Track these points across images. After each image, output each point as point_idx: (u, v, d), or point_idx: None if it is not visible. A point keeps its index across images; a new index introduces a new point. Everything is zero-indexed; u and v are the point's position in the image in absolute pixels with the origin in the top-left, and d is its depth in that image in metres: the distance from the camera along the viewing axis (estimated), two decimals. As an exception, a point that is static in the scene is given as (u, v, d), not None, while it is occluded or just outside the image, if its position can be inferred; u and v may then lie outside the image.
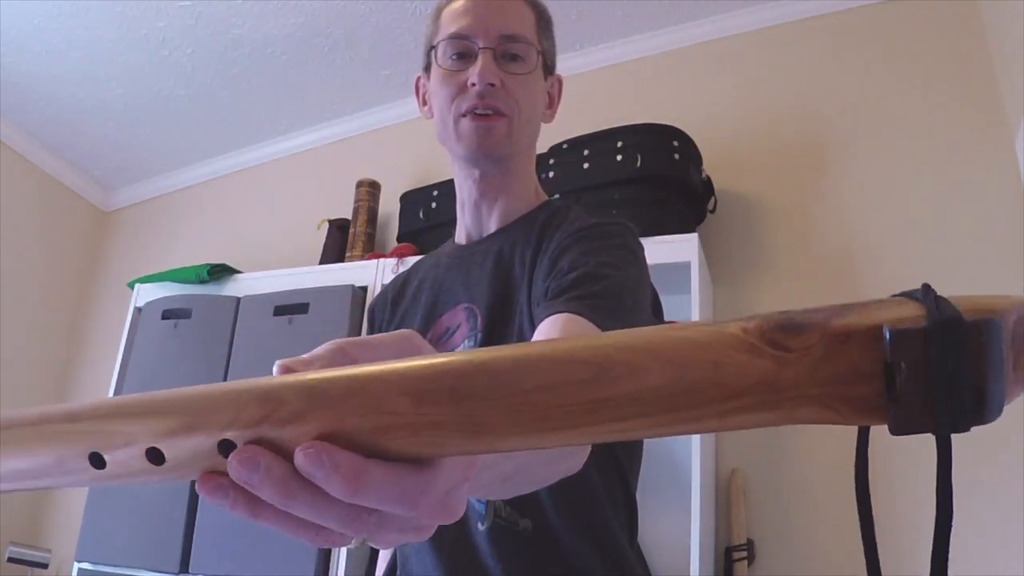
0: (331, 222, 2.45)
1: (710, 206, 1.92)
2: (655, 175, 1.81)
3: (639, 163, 1.81)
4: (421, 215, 2.22)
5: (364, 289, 2.04)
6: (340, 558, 1.77)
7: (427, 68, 0.94)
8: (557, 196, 1.88)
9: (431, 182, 2.25)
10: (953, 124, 1.79)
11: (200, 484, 0.30)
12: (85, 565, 2.11)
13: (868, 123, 1.90)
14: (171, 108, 2.72)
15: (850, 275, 1.79)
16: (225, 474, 0.29)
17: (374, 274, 2.05)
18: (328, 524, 0.30)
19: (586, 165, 1.88)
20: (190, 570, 1.92)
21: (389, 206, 2.42)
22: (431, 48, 0.92)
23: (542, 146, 1.94)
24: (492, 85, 0.86)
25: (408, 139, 2.58)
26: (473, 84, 0.85)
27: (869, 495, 0.31)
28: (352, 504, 0.29)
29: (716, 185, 1.93)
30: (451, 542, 0.81)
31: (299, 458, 0.27)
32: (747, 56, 2.13)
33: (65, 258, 3.08)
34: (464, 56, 0.88)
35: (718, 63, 2.17)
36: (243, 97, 2.65)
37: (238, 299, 2.17)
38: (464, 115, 0.87)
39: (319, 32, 2.34)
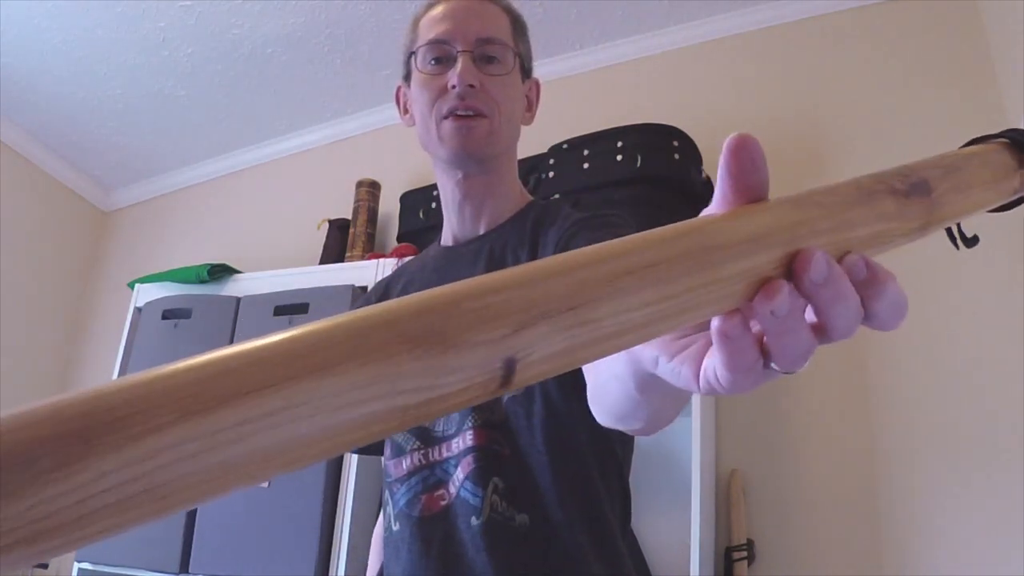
0: (331, 222, 2.45)
1: (710, 206, 1.92)
2: (655, 175, 1.81)
3: (639, 163, 1.81)
4: (421, 215, 2.22)
5: (364, 289, 2.04)
6: (340, 558, 1.77)
7: (407, 76, 0.96)
8: (557, 196, 1.88)
9: (431, 182, 2.25)
10: (953, 124, 1.79)
11: (734, 319, 0.31)
12: (85, 565, 2.11)
13: (868, 123, 1.90)
14: (171, 108, 2.72)
15: (850, 275, 1.79)
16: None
17: (374, 274, 2.05)
18: (853, 324, 0.33)
19: (586, 165, 1.88)
20: (190, 570, 1.92)
21: (389, 206, 2.42)
22: (411, 55, 0.93)
23: (542, 146, 1.95)
24: (472, 86, 0.87)
25: (408, 139, 2.57)
26: (453, 86, 0.87)
27: None
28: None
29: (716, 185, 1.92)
30: (440, 540, 0.81)
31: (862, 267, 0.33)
32: (747, 56, 2.13)
33: (65, 258, 3.08)
34: (443, 61, 0.90)
35: (718, 63, 2.17)
36: (243, 97, 2.65)
37: (238, 299, 2.17)
38: (445, 117, 0.88)
39: (319, 32, 2.34)
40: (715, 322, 0.31)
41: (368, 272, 2.07)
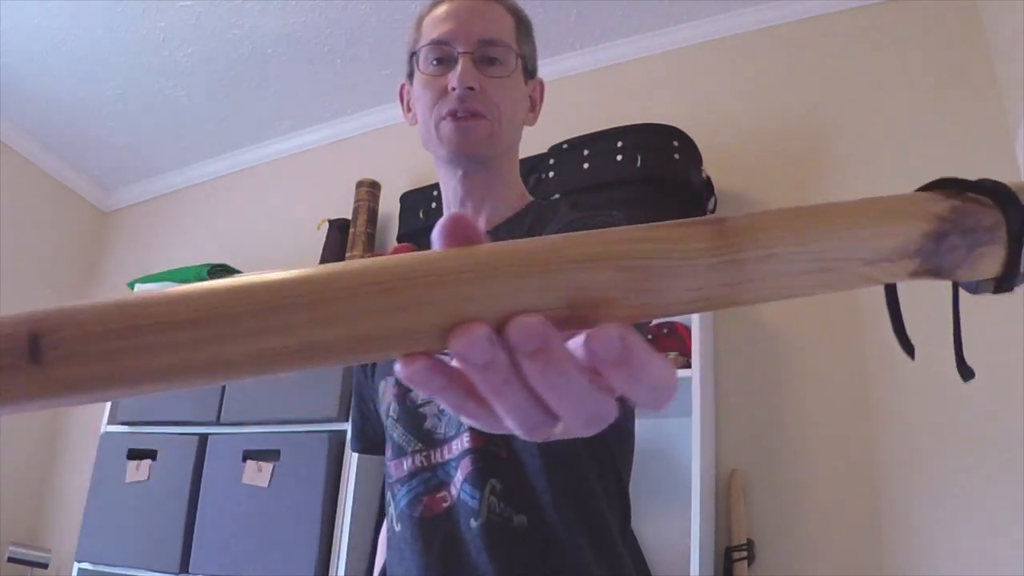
0: (331, 222, 2.45)
1: (710, 206, 1.92)
2: (655, 175, 1.81)
3: (639, 163, 1.81)
4: (421, 215, 2.22)
5: (364, 289, 2.04)
6: (340, 558, 1.77)
7: (410, 75, 0.96)
8: (557, 196, 1.88)
9: (431, 182, 2.25)
10: (953, 124, 1.79)
11: (415, 363, 0.28)
12: (85, 565, 2.11)
13: (868, 123, 1.90)
14: (171, 108, 2.72)
15: (850, 275, 1.79)
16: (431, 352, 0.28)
17: (374, 274, 2.05)
18: (570, 400, 0.29)
19: (586, 165, 1.88)
20: (190, 570, 1.92)
21: (389, 206, 2.42)
22: (413, 55, 0.93)
23: (542, 146, 1.95)
24: (471, 89, 0.87)
25: (408, 139, 2.57)
26: (453, 88, 0.87)
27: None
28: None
29: (716, 185, 1.93)
30: (440, 541, 0.81)
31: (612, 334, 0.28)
32: (747, 56, 2.13)
33: (65, 258, 3.08)
34: (444, 61, 0.90)
35: (718, 63, 2.17)
36: (243, 97, 2.65)
37: (238, 299, 2.17)
38: (445, 118, 0.88)
39: (319, 32, 2.34)
40: (396, 365, 0.29)
41: (368, 272, 2.07)
